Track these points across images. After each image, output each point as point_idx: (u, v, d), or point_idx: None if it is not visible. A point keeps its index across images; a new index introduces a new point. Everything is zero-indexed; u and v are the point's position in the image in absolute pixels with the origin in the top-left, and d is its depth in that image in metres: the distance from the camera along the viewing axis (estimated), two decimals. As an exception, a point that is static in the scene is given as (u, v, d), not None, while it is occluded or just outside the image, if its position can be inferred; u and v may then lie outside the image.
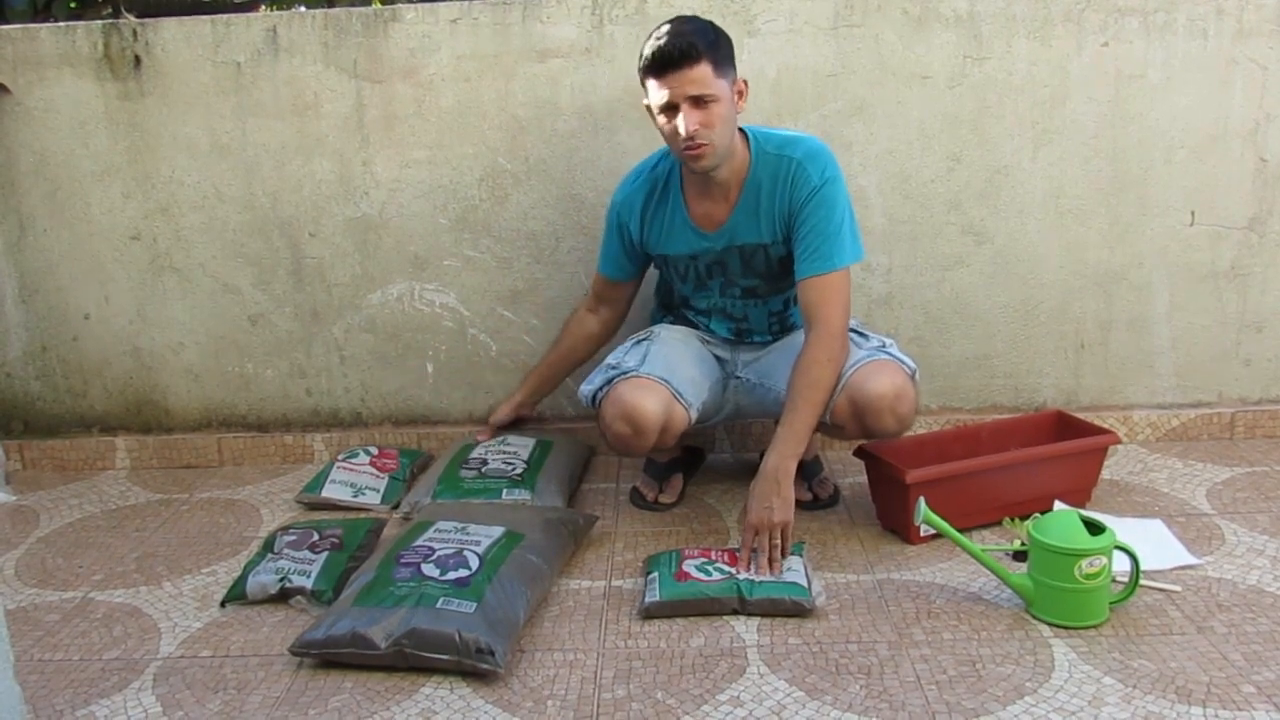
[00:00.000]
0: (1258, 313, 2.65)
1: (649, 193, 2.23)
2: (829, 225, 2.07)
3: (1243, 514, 2.24)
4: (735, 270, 2.23)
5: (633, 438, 2.13)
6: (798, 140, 2.14)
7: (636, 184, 2.26)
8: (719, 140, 2.02)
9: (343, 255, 2.71)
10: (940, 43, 2.50)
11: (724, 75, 2.00)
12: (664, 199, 2.21)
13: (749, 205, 2.14)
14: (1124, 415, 2.67)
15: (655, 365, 2.18)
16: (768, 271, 2.21)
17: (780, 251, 2.17)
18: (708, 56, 1.96)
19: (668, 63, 1.96)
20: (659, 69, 1.98)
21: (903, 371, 2.10)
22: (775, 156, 2.11)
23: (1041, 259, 2.62)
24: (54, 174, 2.69)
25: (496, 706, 1.66)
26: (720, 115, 2.00)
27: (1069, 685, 1.65)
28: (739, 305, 2.29)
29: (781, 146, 2.12)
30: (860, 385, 2.06)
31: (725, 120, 2.01)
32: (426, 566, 1.89)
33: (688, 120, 1.98)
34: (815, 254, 2.07)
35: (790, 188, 2.09)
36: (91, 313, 2.79)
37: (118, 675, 1.81)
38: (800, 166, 2.09)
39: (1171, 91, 2.52)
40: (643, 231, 2.26)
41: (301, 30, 2.58)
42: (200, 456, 2.83)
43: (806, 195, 2.08)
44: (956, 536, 1.88)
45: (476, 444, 2.56)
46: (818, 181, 2.08)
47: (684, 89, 1.97)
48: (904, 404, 2.07)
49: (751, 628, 1.86)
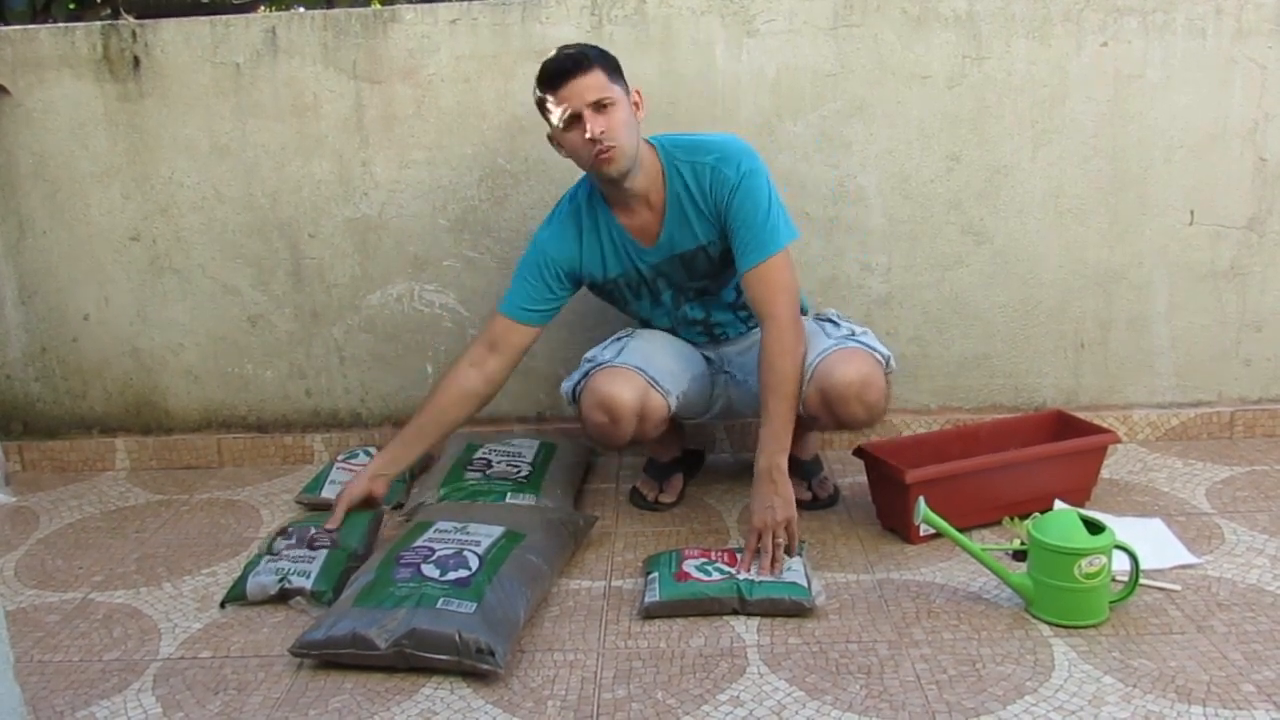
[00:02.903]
0: (1257, 312, 2.65)
1: (578, 221, 2.21)
2: (756, 216, 2.08)
3: (1242, 513, 2.24)
4: (681, 277, 2.23)
5: (610, 426, 2.14)
6: (707, 144, 2.14)
7: (562, 217, 2.23)
8: (625, 142, 2.03)
9: (342, 256, 2.71)
10: (939, 42, 2.50)
11: (617, 82, 2.05)
12: (594, 224, 2.20)
13: (676, 214, 2.14)
14: (1124, 415, 2.67)
15: (631, 356, 2.19)
16: (710, 270, 2.22)
17: (718, 248, 2.18)
18: (598, 64, 2.02)
19: (562, 74, 2.00)
20: (555, 82, 2.02)
21: (871, 359, 2.10)
22: (689, 164, 2.12)
23: (1041, 258, 2.62)
24: (53, 175, 2.69)
25: (497, 707, 1.66)
26: (621, 119, 2.03)
27: (1069, 685, 1.65)
28: (697, 308, 2.29)
29: (692, 153, 2.13)
30: (827, 374, 2.07)
31: (627, 124, 2.04)
32: (426, 567, 1.89)
33: (593, 125, 2.00)
34: (749, 247, 2.08)
35: (712, 193, 2.11)
36: (91, 314, 2.79)
37: (118, 676, 1.81)
38: (715, 170, 2.10)
39: (1171, 91, 2.52)
40: (581, 262, 2.22)
41: (301, 31, 2.58)
42: (200, 457, 2.83)
43: (728, 195, 2.09)
44: (956, 536, 1.88)
45: (479, 445, 2.56)
46: (735, 179, 2.09)
47: (582, 95, 2.00)
48: (872, 391, 2.07)
49: (751, 628, 1.86)
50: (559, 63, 2.03)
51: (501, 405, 2.78)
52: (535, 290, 2.22)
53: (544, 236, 2.24)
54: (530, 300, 2.22)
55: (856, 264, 2.64)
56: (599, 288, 2.29)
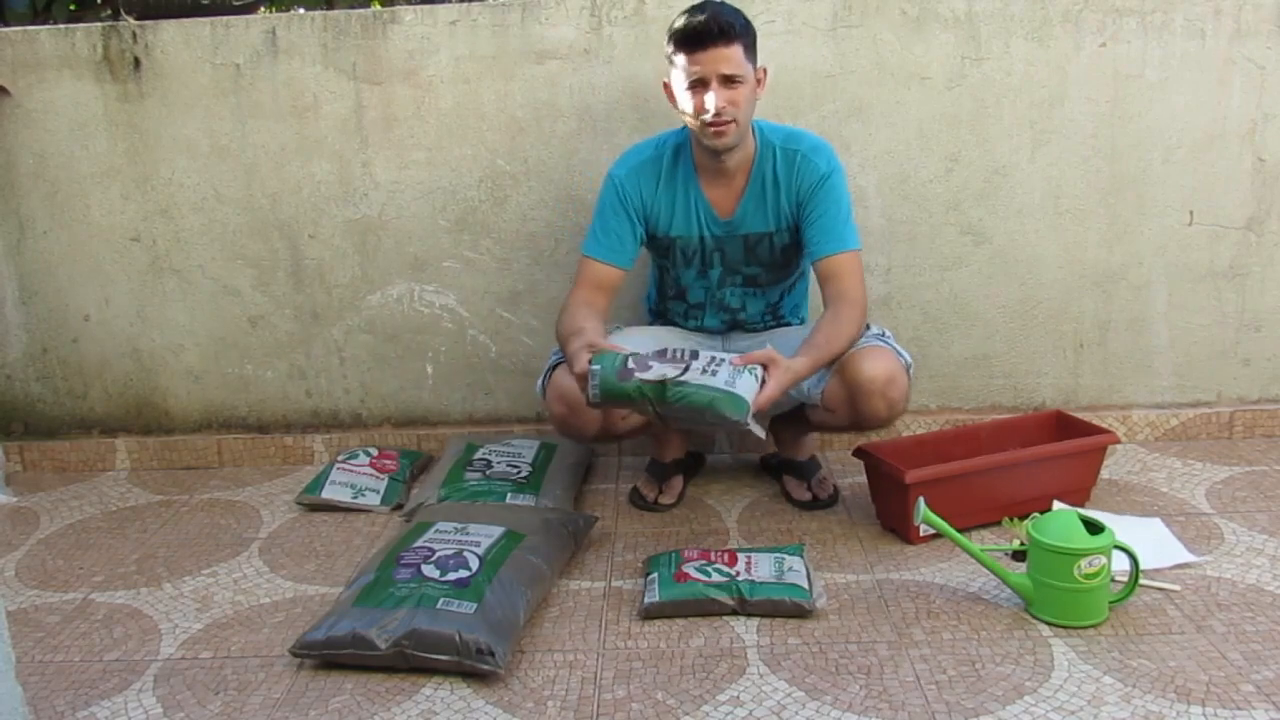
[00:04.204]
0: (1256, 312, 2.65)
1: (658, 170, 2.21)
2: (839, 212, 2.14)
3: (1242, 513, 2.24)
4: (739, 258, 2.24)
5: (570, 416, 2.13)
6: (802, 135, 2.21)
7: (643, 159, 2.22)
8: (742, 120, 2.07)
9: (342, 257, 2.71)
10: (938, 43, 2.51)
11: (752, 60, 2.07)
12: (674, 178, 2.21)
13: (756, 193, 2.18)
14: (1123, 415, 2.67)
15: None
16: (770, 260, 2.24)
17: (785, 240, 2.20)
18: (741, 38, 2.03)
19: (705, 38, 2.00)
20: (693, 44, 2.01)
21: (898, 360, 2.12)
22: (782, 149, 2.17)
23: (1040, 259, 2.62)
24: (54, 176, 2.69)
25: (497, 707, 1.67)
26: (745, 96, 2.05)
27: (1069, 685, 1.65)
28: (737, 295, 2.30)
29: (787, 140, 2.19)
30: (854, 368, 2.08)
31: (749, 102, 2.07)
32: (427, 567, 1.89)
33: (717, 97, 2.02)
34: (829, 236, 2.13)
35: (798, 178, 2.15)
36: (91, 314, 2.79)
37: (118, 676, 1.81)
38: (806, 158, 2.15)
39: (1169, 91, 2.52)
40: (653, 207, 2.22)
41: (300, 32, 2.58)
42: (200, 458, 2.83)
43: (815, 184, 2.14)
44: (956, 536, 1.88)
45: (479, 445, 2.57)
46: (825, 170, 2.15)
47: (717, 66, 2.01)
48: (896, 389, 2.08)
49: (751, 628, 1.86)
50: (706, 25, 2.00)
51: (501, 406, 2.79)
52: (621, 227, 2.20)
53: (621, 173, 2.22)
54: (619, 239, 2.20)
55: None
56: (656, 242, 2.28)
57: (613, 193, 2.21)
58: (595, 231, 2.23)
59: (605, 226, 2.21)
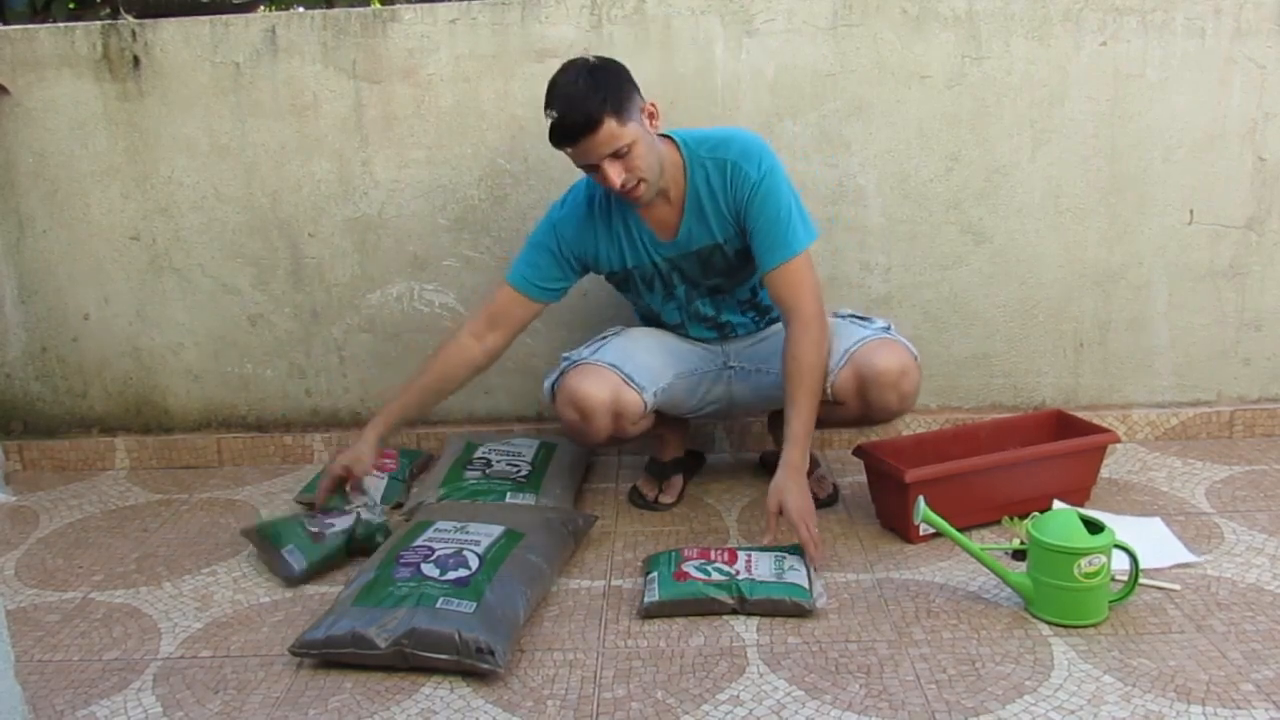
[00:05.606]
0: (1256, 311, 2.65)
1: (594, 209, 2.21)
2: (778, 216, 2.09)
3: (1242, 512, 2.24)
4: (696, 273, 2.23)
5: (581, 423, 2.15)
6: (728, 139, 2.13)
7: (578, 202, 2.22)
8: (649, 174, 2.03)
9: (342, 255, 2.71)
10: (939, 42, 2.50)
11: (630, 118, 1.98)
12: (609, 214, 2.20)
13: (695, 210, 2.14)
14: (1123, 414, 2.67)
15: (607, 354, 2.20)
16: (726, 268, 2.22)
17: (736, 245, 2.18)
18: (608, 115, 1.94)
19: (571, 134, 1.97)
20: (564, 141, 1.99)
21: (908, 352, 2.14)
22: (711, 160, 2.12)
23: (1040, 258, 2.62)
24: (53, 174, 2.69)
25: (496, 706, 1.67)
26: (641, 154, 2.00)
27: (1068, 684, 1.65)
28: (708, 304, 2.30)
29: (714, 149, 2.12)
30: (867, 359, 2.09)
31: (647, 155, 2.02)
32: (426, 566, 1.89)
33: (612, 173, 1.99)
34: (772, 246, 2.09)
35: (733, 188, 2.11)
36: (91, 313, 2.79)
37: (118, 675, 1.81)
38: (736, 167, 2.10)
39: (1170, 91, 2.52)
40: (595, 249, 2.22)
41: (300, 30, 2.58)
42: (200, 457, 2.83)
43: (749, 193, 2.09)
44: (956, 536, 1.88)
45: (479, 444, 2.57)
46: (756, 177, 2.09)
47: (597, 150, 1.97)
48: (908, 381, 2.10)
49: (751, 627, 1.86)
50: (566, 125, 1.96)
51: (501, 405, 2.79)
52: (546, 268, 2.22)
53: (559, 217, 2.23)
54: (540, 276, 2.22)
55: (856, 264, 2.64)
56: (613, 276, 2.29)
57: (547, 235, 2.22)
58: (520, 260, 2.24)
59: (530, 259, 2.23)
